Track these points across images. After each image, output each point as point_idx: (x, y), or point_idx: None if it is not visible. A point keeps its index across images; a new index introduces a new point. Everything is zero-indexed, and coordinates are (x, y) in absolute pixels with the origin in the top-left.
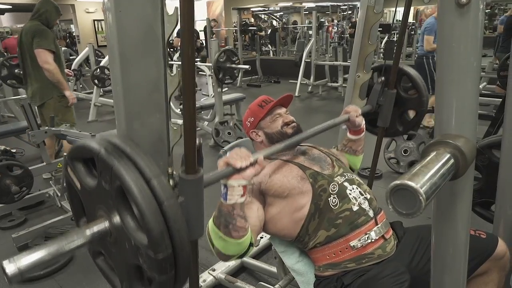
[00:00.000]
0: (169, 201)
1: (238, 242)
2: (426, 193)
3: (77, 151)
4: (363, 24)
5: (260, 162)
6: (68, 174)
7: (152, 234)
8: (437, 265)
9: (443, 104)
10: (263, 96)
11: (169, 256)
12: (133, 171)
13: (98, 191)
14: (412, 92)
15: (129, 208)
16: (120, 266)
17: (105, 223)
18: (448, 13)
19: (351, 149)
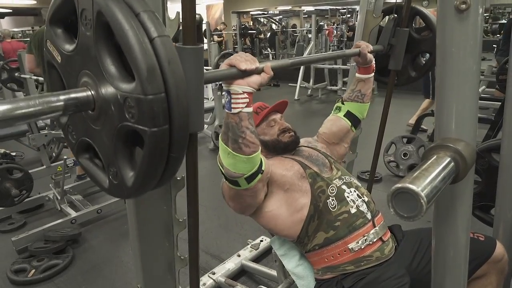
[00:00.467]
0: (162, 38)
1: (248, 158)
2: (427, 196)
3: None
4: (363, 28)
5: (267, 69)
6: (48, 49)
7: (141, 69)
8: (438, 268)
9: (443, 108)
10: (258, 103)
11: (161, 99)
12: (119, 1)
13: (79, 49)
14: (425, 33)
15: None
16: (106, 146)
17: (88, 92)
18: (447, 18)
19: (359, 93)
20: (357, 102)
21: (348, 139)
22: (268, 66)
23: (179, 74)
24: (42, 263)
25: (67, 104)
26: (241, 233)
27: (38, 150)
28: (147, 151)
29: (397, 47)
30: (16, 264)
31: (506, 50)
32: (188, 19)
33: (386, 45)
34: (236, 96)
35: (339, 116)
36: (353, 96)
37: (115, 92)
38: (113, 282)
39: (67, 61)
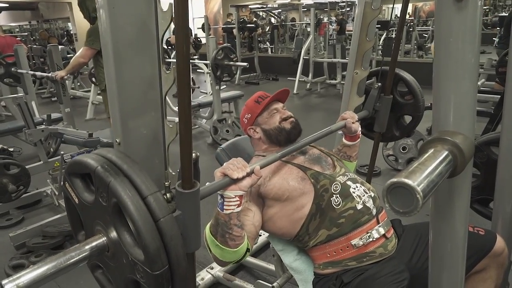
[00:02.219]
0: (165, 218)
1: (234, 251)
2: (423, 191)
3: (75, 167)
4: (361, 21)
5: (257, 172)
6: (66, 189)
7: (149, 251)
8: (435, 263)
9: (441, 100)
10: (260, 92)
11: (165, 272)
12: (129, 188)
13: (95, 206)
14: (408, 97)
15: (126, 224)
16: (118, 279)
17: (103, 239)
18: (445, 8)
19: (345, 155)
20: (344, 160)
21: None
22: (258, 169)
23: (179, 246)
24: (40, 258)
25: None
26: None
27: (35, 146)
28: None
29: (381, 112)
30: (14, 260)
31: (506, 42)
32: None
33: (371, 110)
34: (229, 200)
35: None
36: (340, 155)
37: (127, 254)
38: None
39: (84, 207)
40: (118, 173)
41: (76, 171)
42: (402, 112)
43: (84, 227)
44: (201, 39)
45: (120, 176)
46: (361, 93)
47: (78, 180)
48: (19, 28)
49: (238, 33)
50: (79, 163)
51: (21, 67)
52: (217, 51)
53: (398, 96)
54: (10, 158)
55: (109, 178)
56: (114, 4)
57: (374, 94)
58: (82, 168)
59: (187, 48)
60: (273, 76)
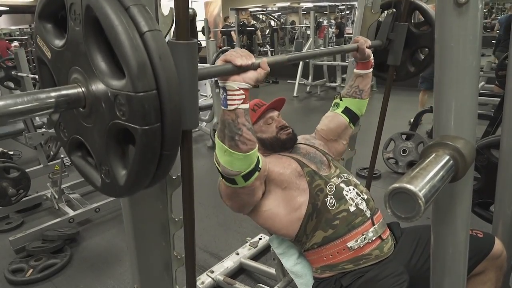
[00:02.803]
0: (153, 32)
1: (245, 155)
2: (425, 196)
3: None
4: (361, 24)
5: (263, 65)
6: (38, 45)
7: (131, 66)
8: (437, 267)
9: (442, 104)
10: (256, 100)
11: (152, 96)
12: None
13: (69, 45)
14: (424, 27)
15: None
16: (97, 144)
17: (78, 88)
18: (446, 12)
19: (358, 89)
20: (356, 98)
21: (346, 136)
22: (265, 61)
23: (171, 70)
24: (40, 262)
25: (58, 101)
26: (240, 231)
27: (35, 149)
28: (139, 150)
29: (395, 42)
30: (13, 264)
31: (506, 46)
32: (181, 12)
33: (384, 40)
34: (232, 93)
35: (337, 112)
36: (351, 92)
37: (106, 89)
38: (111, 282)
39: (57, 57)
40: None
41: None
42: (418, 45)
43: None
44: (200, 42)
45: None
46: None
47: (50, 25)
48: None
49: (238, 36)
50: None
51: (21, 70)
52: (217, 54)
53: (413, 26)
54: (10, 162)
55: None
56: None
57: (387, 21)
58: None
59: None
60: (273, 79)
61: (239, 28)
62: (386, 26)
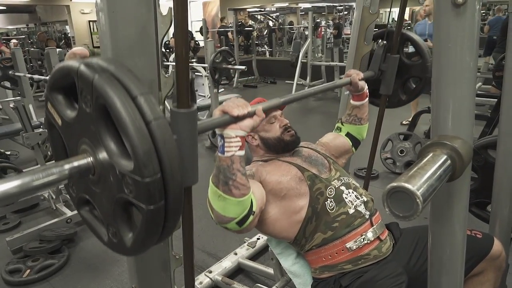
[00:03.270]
0: (158, 121)
1: (238, 201)
2: (423, 195)
3: (56, 75)
4: (359, 25)
5: (259, 112)
6: (48, 111)
7: (138, 153)
8: (434, 267)
9: (440, 105)
10: (258, 98)
11: (157, 180)
12: (116, 85)
13: (79, 120)
14: (415, 58)
15: (113, 131)
16: (105, 207)
17: (88, 159)
18: (444, 13)
19: (356, 118)
20: (355, 125)
21: (346, 156)
22: (260, 109)
23: (174, 153)
24: (37, 263)
25: (71, 172)
26: None
27: (33, 149)
28: (144, 223)
29: (387, 73)
30: (10, 264)
31: (503, 47)
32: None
33: (376, 71)
34: (229, 140)
35: (341, 134)
36: (350, 120)
37: (114, 167)
38: (109, 282)
39: (67, 126)
40: (105, 71)
41: (58, 83)
42: (409, 74)
43: (69, 153)
44: (199, 42)
45: (106, 74)
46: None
47: (61, 97)
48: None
49: (236, 36)
50: (61, 69)
51: (18, 70)
52: (216, 54)
53: (404, 57)
54: (7, 162)
55: (93, 74)
56: (114, 8)
57: (379, 53)
58: (63, 75)
59: (186, 52)
60: (271, 79)
61: (237, 28)
62: (378, 58)
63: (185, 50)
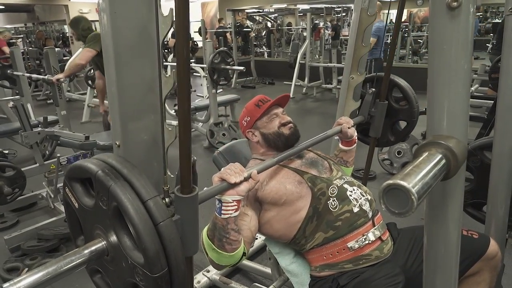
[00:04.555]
0: (165, 222)
1: (231, 255)
2: (418, 192)
3: (75, 171)
4: (357, 26)
5: (254, 176)
6: (66, 194)
7: (148, 254)
8: (429, 265)
9: (435, 105)
10: (260, 96)
11: (164, 274)
12: (130, 192)
13: (95, 210)
14: (403, 103)
15: (126, 227)
16: (117, 283)
17: (103, 243)
18: (439, 16)
19: (342, 160)
20: (341, 165)
21: None
22: (255, 173)
23: (178, 249)
24: (35, 261)
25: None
26: None
27: (31, 148)
28: None
29: (376, 118)
30: (8, 262)
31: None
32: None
33: (366, 115)
34: (227, 205)
35: None
36: (336, 160)
37: (127, 257)
38: None
39: (84, 211)
40: (119, 177)
41: (76, 176)
42: (397, 118)
43: (84, 232)
44: (197, 43)
45: (120, 180)
46: (357, 98)
47: (78, 185)
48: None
49: (235, 37)
50: (79, 168)
51: (17, 69)
52: (214, 55)
53: (393, 101)
54: (6, 161)
55: (109, 182)
56: (115, 9)
57: (368, 99)
58: (82, 173)
59: (187, 52)
60: (269, 80)
61: (235, 29)
62: (367, 104)
63: (186, 51)
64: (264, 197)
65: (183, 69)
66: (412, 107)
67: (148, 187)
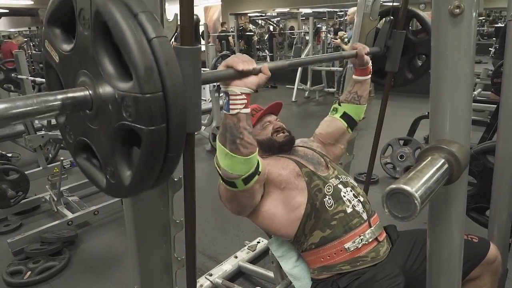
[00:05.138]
0: (160, 38)
1: (246, 159)
2: (421, 197)
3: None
4: (359, 31)
5: (264, 70)
6: (46, 49)
7: (138, 69)
8: (432, 269)
9: (438, 110)
10: (254, 105)
11: (158, 98)
12: (117, 2)
13: (77, 49)
14: (422, 35)
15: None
16: (103, 146)
17: (86, 91)
18: (442, 22)
19: (356, 95)
20: (354, 104)
21: (344, 140)
22: (266, 67)
23: (177, 74)
24: (38, 265)
25: (64, 103)
26: (238, 235)
27: (35, 151)
28: (144, 150)
29: (393, 49)
30: (12, 266)
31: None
32: (186, 19)
33: (382, 47)
34: (234, 97)
35: (336, 117)
36: (349, 98)
37: (113, 91)
38: (110, 284)
39: (64, 61)
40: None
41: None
42: (416, 52)
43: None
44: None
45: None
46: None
47: (58, 30)
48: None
49: (237, 41)
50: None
51: (21, 72)
52: (217, 59)
53: (410, 34)
54: (9, 164)
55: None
56: None
57: (385, 28)
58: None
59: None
60: (271, 84)
61: (238, 33)
62: (384, 33)
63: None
64: (267, 174)
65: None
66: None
67: (140, 1)
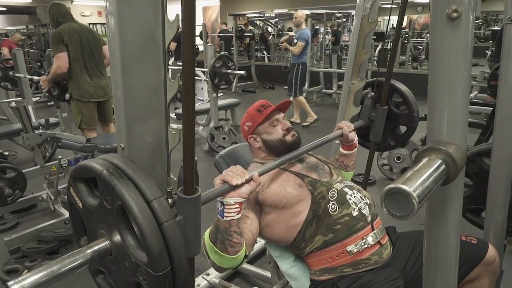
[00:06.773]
0: (169, 222)
1: (233, 257)
2: (418, 196)
3: (79, 171)
4: (358, 33)
5: (255, 178)
6: (71, 194)
7: (152, 253)
8: (428, 269)
9: (435, 112)
10: (262, 101)
11: (168, 273)
12: (134, 191)
13: (99, 210)
14: (403, 107)
15: (130, 227)
16: (120, 283)
17: (106, 242)
18: (439, 25)
19: (342, 164)
20: (341, 170)
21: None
22: (256, 175)
23: (181, 249)
24: (35, 263)
25: (92, 256)
26: None
27: (32, 150)
28: None
29: (376, 122)
30: (8, 264)
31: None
32: (187, 24)
33: (366, 120)
34: (229, 207)
35: None
36: (337, 165)
37: (130, 256)
38: None
39: (88, 211)
40: (123, 177)
41: (81, 176)
42: (397, 122)
43: (87, 232)
44: (198, 47)
45: (125, 180)
46: (357, 103)
47: (83, 185)
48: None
49: (236, 41)
50: (84, 168)
51: (19, 71)
52: (215, 59)
53: (393, 106)
54: (6, 162)
55: (114, 181)
56: (123, 14)
57: (368, 103)
58: (87, 173)
59: (192, 57)
60: (269, 85)
61: (236, 33)
62: (367, 108)
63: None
64: (264, 200)
65: (188, 74)
66: (412, 112)
67: (153, 187)
